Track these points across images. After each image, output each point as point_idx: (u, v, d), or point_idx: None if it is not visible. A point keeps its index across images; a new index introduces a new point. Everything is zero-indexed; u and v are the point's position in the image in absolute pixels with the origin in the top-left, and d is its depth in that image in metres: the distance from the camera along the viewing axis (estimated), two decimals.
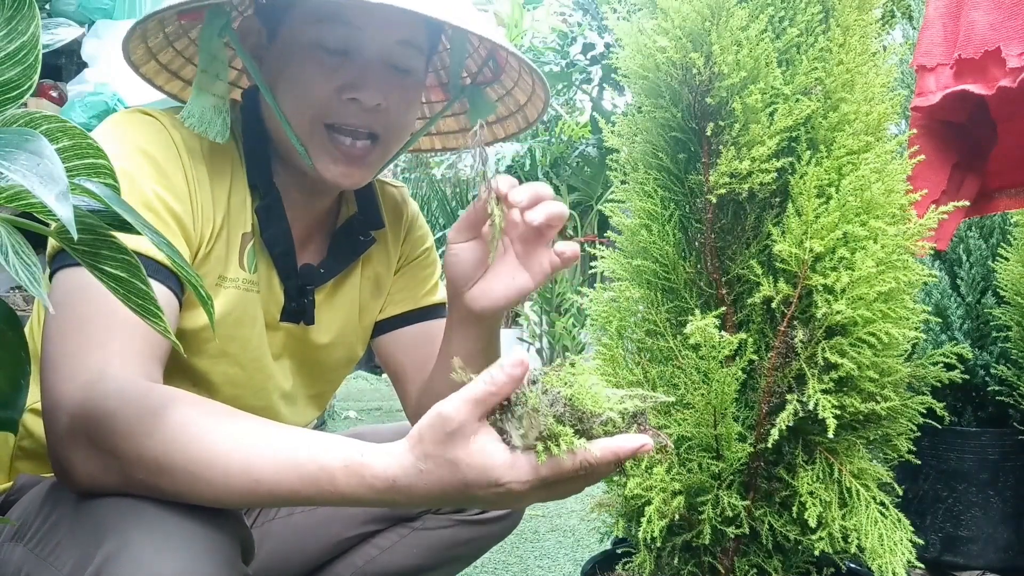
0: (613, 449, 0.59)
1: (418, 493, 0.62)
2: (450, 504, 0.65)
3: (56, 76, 2.52)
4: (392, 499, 0.63)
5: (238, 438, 0.65)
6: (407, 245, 1.11)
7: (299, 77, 0.86)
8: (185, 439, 0.65)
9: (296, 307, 0.96)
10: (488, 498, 0.61)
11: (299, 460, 0.64)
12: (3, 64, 0.51)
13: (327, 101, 0.86)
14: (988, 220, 1.71)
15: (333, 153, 0.88)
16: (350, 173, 0.90)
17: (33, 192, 0.41)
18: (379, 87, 0.86)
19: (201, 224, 0.85)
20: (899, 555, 0.83)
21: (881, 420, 0.90)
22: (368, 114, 0.87)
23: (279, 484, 0.64)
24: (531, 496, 0.61)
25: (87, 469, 0.68)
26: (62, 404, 0.69)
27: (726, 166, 0.87)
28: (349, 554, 1.11)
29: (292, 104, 0.87)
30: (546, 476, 0.59)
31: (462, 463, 0.59)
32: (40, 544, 0.70)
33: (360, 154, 0.89)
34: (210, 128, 0.86)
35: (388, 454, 0.62)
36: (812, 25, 0.89)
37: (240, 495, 0.65)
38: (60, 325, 0.73)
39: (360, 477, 0.62)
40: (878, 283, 0.81)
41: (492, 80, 1.04)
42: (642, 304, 0.96)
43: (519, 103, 1.06)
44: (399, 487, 0.61)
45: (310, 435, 0.66)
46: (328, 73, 0.86)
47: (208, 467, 0.64)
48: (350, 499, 0.64)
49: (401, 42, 0.88)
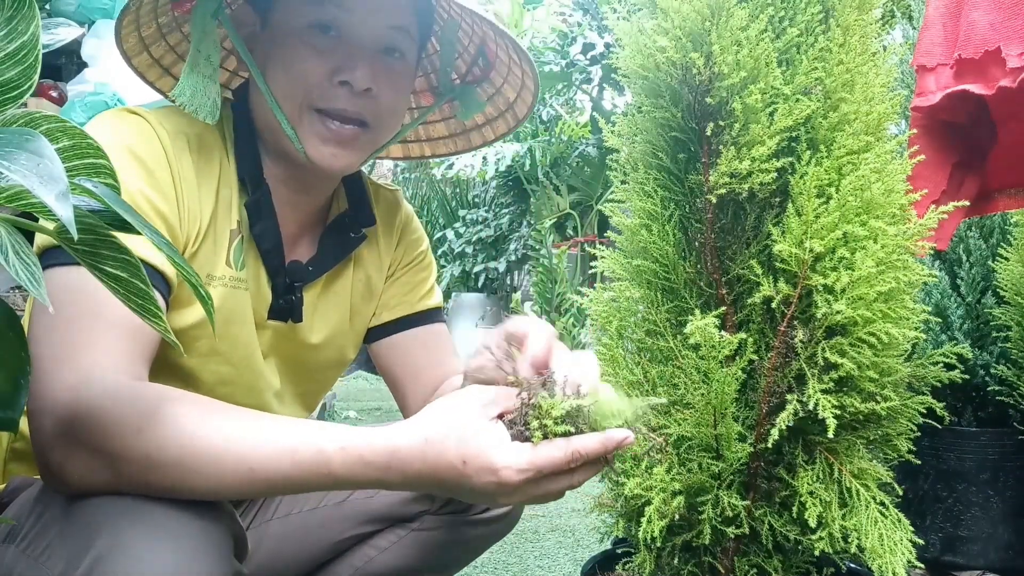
0: (601, 441, 0.63)
1: (415, 470, 0.64)
2: (444, 491, 0.67)
3: (56, 76, 2.52)
4: (387, 476, 0.65)
5: (229, 429, 0.66)
6: (401, 248, 1.11)
7: (290, 60, 0.87)
8: (175, 433, 0.65)
9: (284, 304, 0.96)
10: (482, 487, 0.63)
11: (293, 445, 0.65)
12: (3, 64, 0.51)
13: (318, 84, 0.87)
14: (988, 220, 1.71)
15: (323, 134, 0.88)
16: (339, 154, 0.90)
17: (33, 192, 0.41)
18: (369, 71, 0.87)
19: (188, 223, 0.85)
20: (899, 555, 0.83)
21: (881, 420, 0.90)
22: (358, 99, 0.88)
23: (274, 472, 0.65)
24: (523, 489, 0.63)
25: (76, 470, 0.67)
26: (48, 407, 0.69)
27: (726, 166, 0.87)
28: (347, 555, 1.11)
29: (283, 87, 0.88)
30: (541, 466, 0.62)
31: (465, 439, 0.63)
32: (32, 544, 0.70)
33: (350, 136, 0.89)
34: (201, 107, 0.87)
35: (394, 428, 0.66)
36: (812, 25, 0.89)
37: (234, 485, 0.66)
38: (46, 327, 0.72)
39: (359, 456, 0.64)
40: (878, 283, 0.81)
41: (482, 78, 1.04)
42: (642, 304, 0.96)
43: (509, 101, 1.06)
44: (399, 459, 0.64)
45: (304, 422, 0.68)
46: (319, 56, 0.87)
47: (200, 459, 0.65)
48: (343, 480, 0.65)
49: (392, 27, 0.89)
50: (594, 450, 0.63)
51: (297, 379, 1.04)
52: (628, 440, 0.63)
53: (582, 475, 0.66)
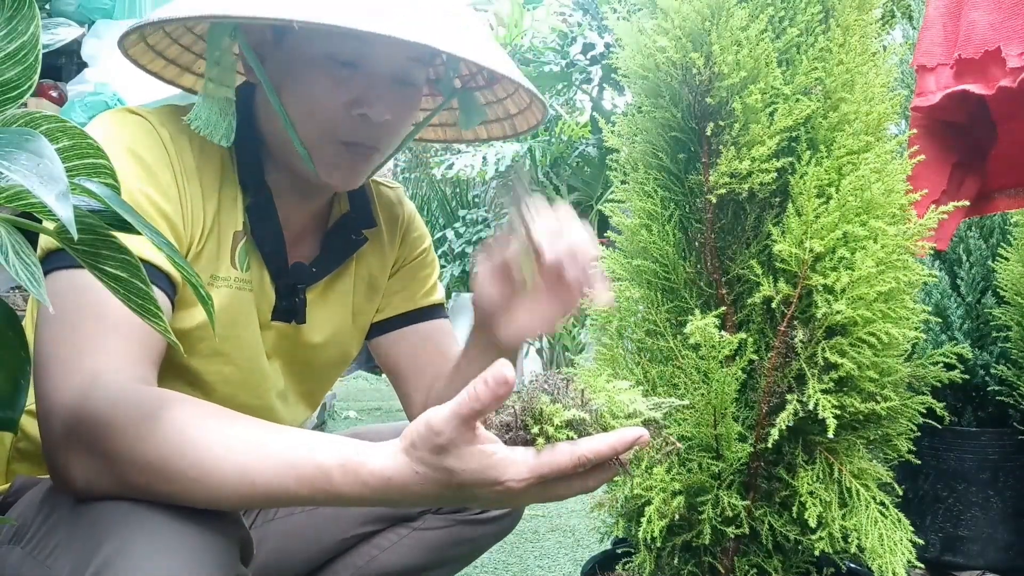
0: (611, 443, 0.59)
1: (415, 492, 0.62)
2: (449, 503, 0.66)
3: (56, 76, 2.52)
4: (389, 498, 0.63)
5: (233, 441, 0.65)
6: (404, 247, 1.11)
7: (308, 88, 0.87)
8: (180, 442, 0.65)
9: (287, 306, 0.96)
10: (488, 496, 0.61)
11: (295, 461, 0.64)
12: (3, 64, 0.51)
13: (336, 115, 0.87)
14: (988, 220, 1.71)
15: (338, 163, 0.89)
16: (350, 177, 0.92)
17: (33, 192, 0.41)
18: (388, 103, 0.87)
19: (191, 223, 0.85)
20: (899, 555, 0.83)
21: (881, 420, 0.90)
22: (375, 128, 0.88)
23: (275, 486, 0.64)
24: (530, 494, 0.62)
25: (83, 473, 0.67)
26: (56, 409, 0.69)
27: (726, 166, 0.87)
28: (349, 554, 1.11)
29: (299, 112, 0.88)
30: (544, 474, 0.59)
31: (456, 469, 0.59)
32: (38, 547, 0.70)
33: (360, 160, 0.91)
34: (215, 132, 0.86)
35: (383, 454, 0.62)
36: (812, 25, 0.89)
37: (236, 498, 0.65)
38: (52, 329, 0.72)
39: (356, 476, 0.62)
40: (878, 283, 0.81)
41: (484, 87, 1.04)
42: (642, 304, 0.96)
43: (509, 112, 1.07)
44: (394, 486, 0.62)
45: (306, 435, 0.66)
46: (338, 86, 0.86)
47: (203, 470, 0.64)
48: (347, 498, 0.64)
49: (411, 59, 0.89)
50: (603, 454, 0.60)
51: (300, 378, 1.04)
52: (643, 439, 0.60)
53: (596, 479, 0.63)
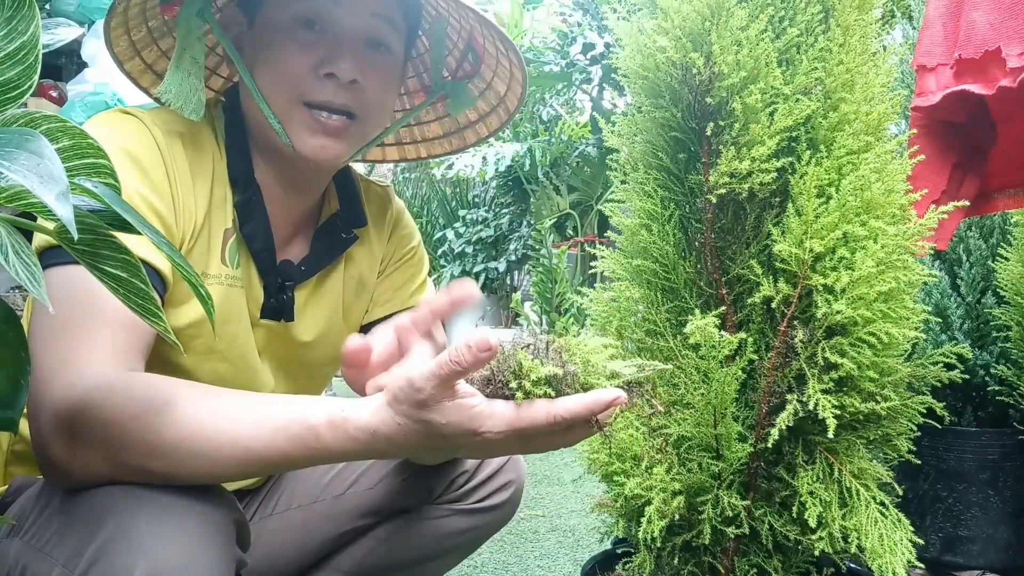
0: (586, 404, 0.61)
1: (399, 443, 0.65)
2: (434, 452, 0.69)
3: (56, 76, 2.52)
4: (376, 449, 0.66)
5: (223, 410, 0.67)
6: (392, 244, 1.11)
7: (276, 55, 0.88)
8: (172, 417, 0.66)
9: (275, 304, 0.97)
10: (468, 445, 0.64)
11: (285, 423, 0.66)
12: (3, 64, 0.51)
13: (304, 78, 0.87)
14: (988, 220, 1.71)
15: (311, 125, 0.89)
16: (328, 145, 0.90)
17: (33, 192, 0.41)
18: (355, 62, 0.88)
19: (183, 221, 0.86)
20: (899, 555, 0.83)
21: (881, 420, 0.90)
22: (345, 91, 0.88)
23: (269, 449, 0.66)
24: (509, 445, 0.64)
25: (77, 463, 0.68)
26: (46, 403, 0.70)
27: (726, 166, 0.87)
28: (349, 547, 1.11)
29: (270, 83, 0.89)
30: (521, 428, 0.62)
31: (436, 422, 0.62)
32: (36, 536, 0.71)
33: (337, 127, 0.90)
34: (186, 104, 0.88)
35: (368, 409, 0.65)
36: (812, 25, 0.89)
37: (233, 465, 0.67)
38: (44, 326, 0.73)
39: (344, 431, 0.65)
40: (878, 283, 0.81)
41: (472, 73, 1.04)
42: (642, 304, 0.96)
43: (499, 94, 1.07)
44: (380, 438, 0.64)
45: (291, 399, 0.69)
46: (304, 49, 0.87)
47: (197, 442, 0.66)
48: (336, 453, 0.66)
49: (376, 15, 0.90)
50: (579, 414, 0.61)
51: (292, 377, 1.05)
52: (619, 400, 0.61)
53: (574, 435, 0.65)
